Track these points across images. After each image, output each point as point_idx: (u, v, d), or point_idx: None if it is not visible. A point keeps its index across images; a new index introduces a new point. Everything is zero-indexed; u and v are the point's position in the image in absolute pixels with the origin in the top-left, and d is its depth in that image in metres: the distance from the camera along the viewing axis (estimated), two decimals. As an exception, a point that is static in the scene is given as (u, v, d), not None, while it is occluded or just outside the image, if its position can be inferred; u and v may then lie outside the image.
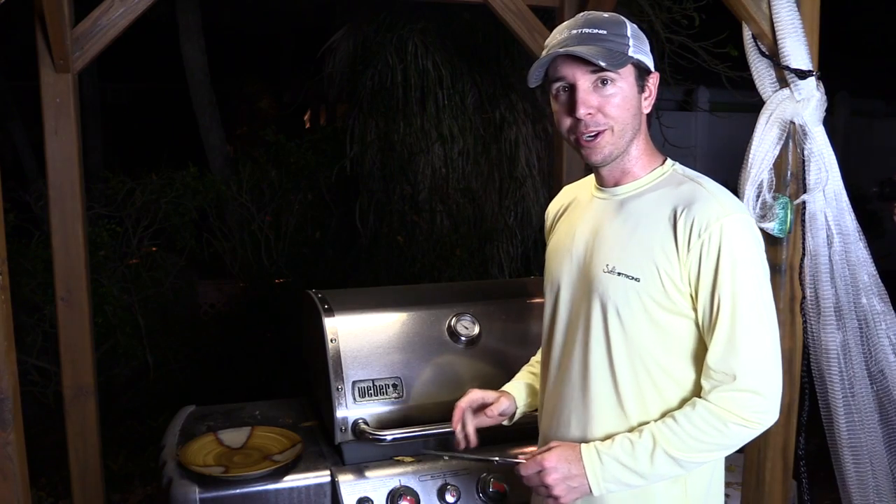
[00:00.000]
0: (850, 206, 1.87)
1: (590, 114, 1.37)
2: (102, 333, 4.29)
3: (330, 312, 2.08)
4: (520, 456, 1.46)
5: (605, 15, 1.40)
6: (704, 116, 7.83)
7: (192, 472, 1.88)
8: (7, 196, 2.59)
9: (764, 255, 1.37)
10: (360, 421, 1.96)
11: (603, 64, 1.32)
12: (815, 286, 1.86)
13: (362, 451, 1.98)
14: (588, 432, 1.44)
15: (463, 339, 2.14)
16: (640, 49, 1.39)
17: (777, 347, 1.35)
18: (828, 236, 1.85)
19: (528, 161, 4.60)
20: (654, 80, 1.43)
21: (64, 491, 3.66)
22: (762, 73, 1.88)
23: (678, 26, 4.34)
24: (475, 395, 1.66)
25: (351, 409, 1.97)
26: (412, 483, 1.92)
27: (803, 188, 1.86)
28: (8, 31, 7.29)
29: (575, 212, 1.57)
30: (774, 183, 1.88)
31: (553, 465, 1.36)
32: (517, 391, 1.71)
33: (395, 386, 2.04)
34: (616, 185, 1.47)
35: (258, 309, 5.02)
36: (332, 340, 2.03)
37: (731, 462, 3.14)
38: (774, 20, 1.82)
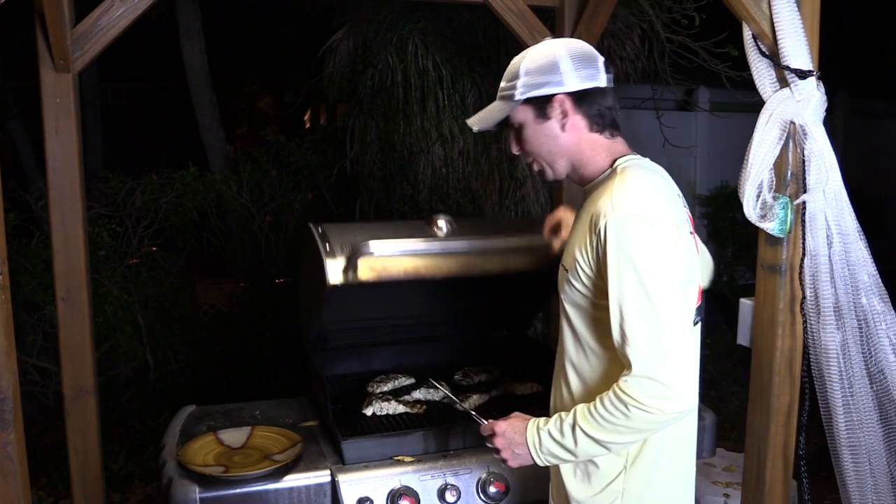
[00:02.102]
0: (850, 206, 1.87)
1: (518, 153, 1.64)
2: (102, 333, 4.29)
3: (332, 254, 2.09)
4: (490, 419, 1.63)
5: (516, 60, 1.59)
6: (704, 116, 7.81)
7: (192, 471, 1.88)
8: (7, 196, 2.58)
9: (657, 248, 1.42)
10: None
11: (475, 129, 1.64)
12: (815, 286, 1.86)
13: (362, 450, 1.98)
14: (554, 404, 1.67)
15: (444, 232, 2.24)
16: (533, 86, 1.54)
17: (675, 336, 1.39)
18: (828, 236, 1.85)
19: (528, 161, 4.59)
20: (560, 102, 1.54)
21: (64, 491, 3.66)
22: (762, 73, 1.88)
23: (678, 26, 4.33)
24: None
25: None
26: (412, 483, 1.92)
27: (803, 188, 1.86)
28: (8, 31, 7.29)
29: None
30: (774, 183, 1.88)
31: (502, 432, 1.57)
32: None
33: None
34: (583, 186, 1.66)
35: (258, 309, 5.02)
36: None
37: (731, 462, 3.15)
38: (774, 20, 1.82)
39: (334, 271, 2.06)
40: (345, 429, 2.09)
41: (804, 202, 1.86)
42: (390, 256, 2.10)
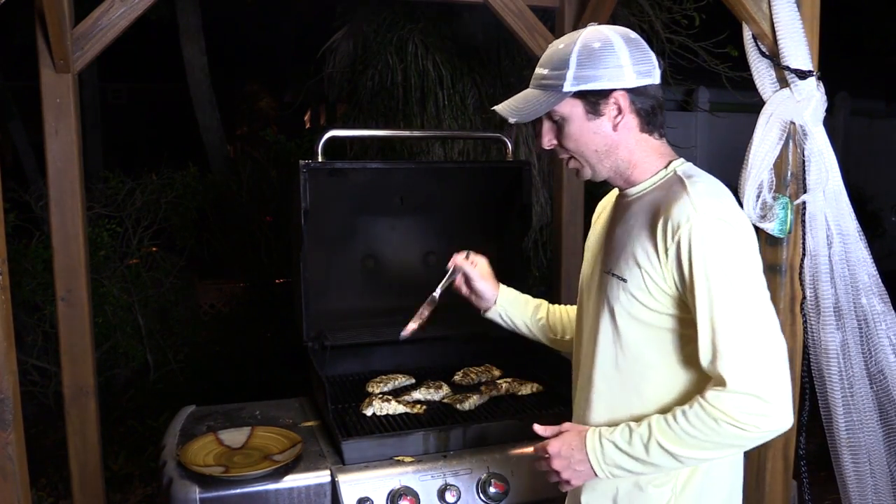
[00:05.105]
0: (850, 206, 1.87)
1: (552, 146, 1.48)
2: (102, 333, 4.29)
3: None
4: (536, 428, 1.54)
5: (561, 46, 1.43)
6: (704, 116, 7.82)
7: (192, 472, 1.88)
8: (7, 196, 2.58)
9: (748, 254, 1.34)
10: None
11: (512, 121, 1.44)
12: (815, 286, 1.86)
13: (362, 450, 1.98)
14: (587, 416, 1.54)
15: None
16: (585, 78, 1.38)
17: (773, 347, 1.32)
18: (828, 236, 1.85)
19: (527, 161, 4.59)
20: (616, 99, 1.41)
21: (64, 491, 3.66)
22: (762, 73, 1.88)
23: (678, 26, 4.34)
24: (471, 267, 1.85)
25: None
26: (412, 483, 1.91)
27: (803, 188, 1.86)
28: (8, 31, 7.29)
29: (604, 216, 1.65)
30: (774, 183, 1.88)
31: (557, 452, 1.44)
32: (506, 293, 1.89)
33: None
34: (624, 190, 1.52)
35: (258, 309, 5.02)
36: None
37: (731, 462, 3.13)
38: (774, 20, 1.82)
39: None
40: (345, 429, 2.09)
41: (804, 202, 1.86)
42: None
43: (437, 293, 1.88)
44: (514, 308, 1.88)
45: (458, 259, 1.87)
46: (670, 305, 1.38)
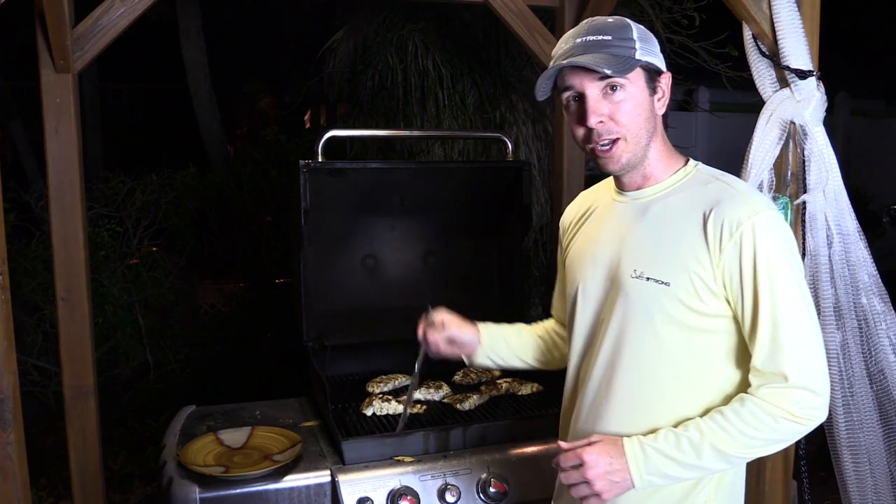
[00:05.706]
0: (850, 206, 1.87)
1: (601, 122, 1.36)
2: (102, 333, 4.29)
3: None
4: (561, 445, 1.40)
5: (610, 20, 1.38)
6: (704, 116, 7.83)
7: (192, 472, 1.88)
8: (7, 196, 2.58)
9: (797, 251, 1.35)
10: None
11: (608, 72, 1.31)
12: (815, 286, 1.86)
13: (362, 450, 1.98)
14: (597, 426, 1.44)
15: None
16: (648, 51, 1.37)
17: (821, 342, 1.33)
18: (828, 236, 1.85)
19: (527, 161, 4.59)
20: (665, 81, 1.41)
21: (64, 491, 3.66)
22: (762, 73, 1.88)
23: (678, 26, 4.33)
24: (440, 325, 1.68)
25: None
26: (412, 483, 1.91)
27: (803, 188, 1.86)
28: (8, 31, 7.30)
29: (595, 218, 1.55)
30: (774, 183, 1.88)
31: (594, 460, 1.32)
32: (487, 329, 1.72)
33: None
34: (638, 189, 1.45)
35: (258, 309, 5.02)
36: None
37: (731, 462, 3.13)
38: (774, 20, 1.82)
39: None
40: (345, 429, 2.09)
41: (804, 202, 1.86)
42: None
43: (416, 370, 1.78)
44: (498, 342, 1.73)
45: (423, 327, 1.70)
46: (715, 306, 1.34)
